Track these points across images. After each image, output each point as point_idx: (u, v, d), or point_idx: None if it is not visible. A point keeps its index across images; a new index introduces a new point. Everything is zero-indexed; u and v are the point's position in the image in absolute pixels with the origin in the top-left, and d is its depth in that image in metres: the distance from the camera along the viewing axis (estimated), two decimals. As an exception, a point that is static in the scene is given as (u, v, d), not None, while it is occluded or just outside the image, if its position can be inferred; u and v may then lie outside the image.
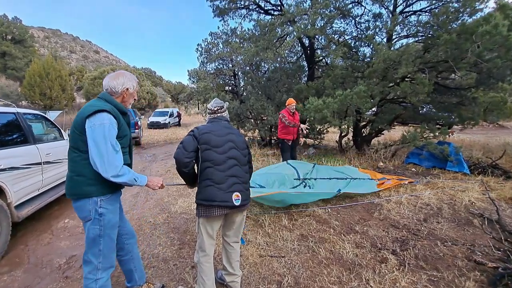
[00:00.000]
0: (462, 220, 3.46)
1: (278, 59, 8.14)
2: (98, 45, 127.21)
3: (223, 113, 2.16)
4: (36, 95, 19.40)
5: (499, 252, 2.66)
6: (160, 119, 21.63)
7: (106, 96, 1.73)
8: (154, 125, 20.98)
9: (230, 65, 13.24)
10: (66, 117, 20.82)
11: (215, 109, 2.13)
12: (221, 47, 13.45)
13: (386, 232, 3.22)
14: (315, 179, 4.98)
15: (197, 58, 15.82)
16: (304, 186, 4.78)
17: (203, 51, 14.78)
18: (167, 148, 10.84)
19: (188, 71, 20.34)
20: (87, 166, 1.61)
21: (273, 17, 7.10)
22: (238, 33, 8.77)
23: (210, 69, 17.93)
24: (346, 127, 6.79)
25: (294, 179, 4.84)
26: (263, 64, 10.17)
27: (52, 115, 7.25)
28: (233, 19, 8.85)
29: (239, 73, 9.94)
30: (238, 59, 10.62)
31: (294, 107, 5.29)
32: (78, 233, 3.32)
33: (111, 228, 1.73)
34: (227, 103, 2.42)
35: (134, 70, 33.28)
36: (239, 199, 1.94)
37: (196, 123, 24.02)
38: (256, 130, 8.53)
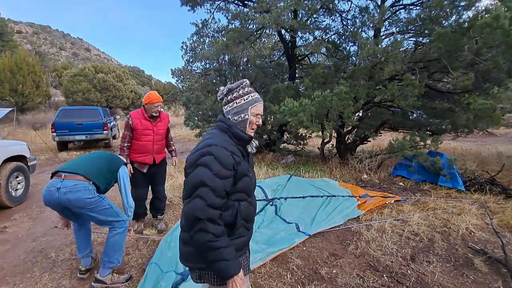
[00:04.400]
0: (459, 259, 2.68)
1: (252, 55, 7.38)
2: (90, 43, 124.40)
3: (223, 108, 1.34)
4: (6, 91, 18.08)
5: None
6: (142, 120, 20.59)
7: None
8: (136, 126, 19.88)
9: (216, 64, 12.43)
10: (39, 115, 19.57)
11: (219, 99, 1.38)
12: (207, 46, 12.61)
13: (361, 278, 2.40)
14: (285, 198, 4.17)
15: (182, 56, 14.98)
16: (271, 205, 3.97)
17: (188, 49, 13.96)
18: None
19: (171, 69, 19.41)
20: None
21: (249, 8, 6.29)
22: (211, 25, 7.94)
23: (196, 69, 17.03)
24: (328, 133, 6.01)
25: (259, 200, 4.02)
26: (243, 62, 9.37)
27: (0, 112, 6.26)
28: (209, 12, 8.00)
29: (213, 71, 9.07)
30: (226, 58, 9.77)
31: (158, 106, 3.04)
32: None
33: None
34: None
35: (118, 68, 32.02)
36: None
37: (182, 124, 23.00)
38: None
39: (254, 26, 7.20)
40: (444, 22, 4.71)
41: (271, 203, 4.01)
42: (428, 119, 6.99)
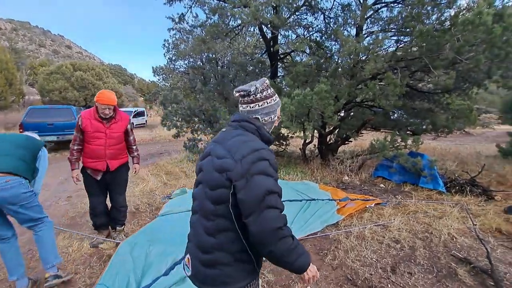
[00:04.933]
0: (442, 269, 2.50)
1: (232, 52, 7.09)
2: (72, 40, 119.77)
3: (243, 106, 1.22)
4: (-27, 88, 16.87)
5: None
6: (122, 119, 19.82)
7: None
8: (114, 126, 19.12)
9: (200, 63, 12.03)
10: (12, 115, 18.42)
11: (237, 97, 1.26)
12: (191, 43, 12.17)
13: (337, 295, 2.17)
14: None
15: (164, 54, 14.50)
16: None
17: (170, 47, 13.48)
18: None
19: (153, 67, 18.78)
20: None
21: (228, 3, 5.99)
22: (188, 19, 7.56)
23: (179, 67, 16.49)
24: (309, 133, 5.80)
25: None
26: (226, 60, 9.04)
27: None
28: (187, 6, 7.61)
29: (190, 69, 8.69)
30: (206, 56, 9.39)
31: (107, 109, 2.62)
32: None
33: None
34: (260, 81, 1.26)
35: (98, 66, 30.83)
36: (189, 268, 1.16)
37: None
38: (210, 134, 7.34)
39: (236, 22, 6.93)
40: (425, 20, 4.60)
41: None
42: (408, 119, 6.94)
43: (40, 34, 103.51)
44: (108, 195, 3.00)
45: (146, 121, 23.21)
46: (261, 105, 1.18)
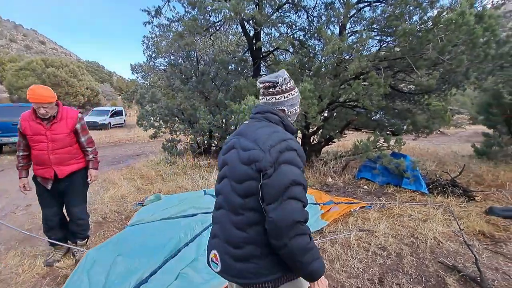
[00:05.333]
0: (431, 278, 2.38)
1: (213, 49, 6.80)
2: (46, 36, 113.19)
3: (267, 98, 1.19)
4: None
5: None
6: (98, 119, 18.88)
7: None
8: (90, 126, 18.02)
9: (182, 61, 11.59)
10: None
11: (259, 90, 1.25)
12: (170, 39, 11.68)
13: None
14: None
15: (143, 51, 13.93)
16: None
17: (150, 43, 12.91)
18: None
19: (131, 65, 18.07)
20: None
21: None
22: (166, 13, 7.17)
23: (159, 65, 15.88)
24: (292, 134, 5.63)
25: (207, 213, 3.46)
26: (208, 57, 8.69)
27: None
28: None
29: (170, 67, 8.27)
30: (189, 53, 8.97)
31: (40, 108, 2.24)
32: None
33: None
34: (285, 75, 1.21)
35: (73, 62, 29.30)
36: (217, 264, 1.13)
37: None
38: (190, 134, 7.01)
39: (216, 17, 6.64)
40: (408, 19, 4.55)
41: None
42: (390, 120, 6.97)
43: (11, 28, 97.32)
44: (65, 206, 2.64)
45: (124, 120, 22.30)
46: (286, 97, 1.17)
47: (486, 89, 7.12)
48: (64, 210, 2.68)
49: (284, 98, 1.17)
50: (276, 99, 1.16)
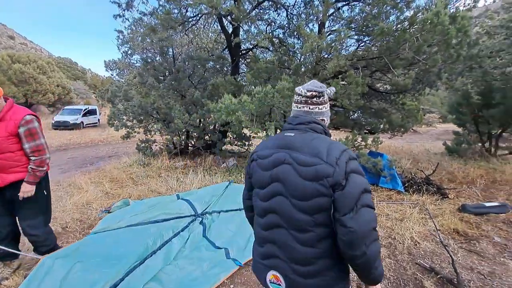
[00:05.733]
0: (409, 282, 2.33)
1: (190, 45, 6.55)
2: (15, 30, 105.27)
3: (310, 107, 1.14)
4: None
5: None
6: (69, 118, 17.78)
7: None
8: (60, 126, 17.11)
9: (159, 58, 11.13)
10: None
11: (298, 98, 1.16)
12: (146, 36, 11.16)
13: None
14: (218, 212, 3.49)
15: (118, 47, 13.21)
16: (200, 224, 3.24)
17: (124, 39, 12.27)
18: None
19: (105, 61, 17.23)
20: None
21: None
22: (138, 6, 6.80)
23: (135, 62, 15.19)
24: (271, 133, 5.51)
25: (183, 217, 3.26)
26: (186, 55, 8.36)
27: None
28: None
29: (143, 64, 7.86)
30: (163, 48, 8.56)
31: None
32: None
33: None
34: (332, 89, 1.20)
35: (42, 58, 27.49)
36: (279, 285, 1.10)
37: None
38: (166, 134, 6.70)
39: (192, 12, 6.37)
40: (385, 19, 4.56)
41: (200, 219, 3.28)
42: (367, 119, 7.06)
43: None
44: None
45: (99, 120, 21.22)
46: (326, 107, 1.18)
47: (457, 89, 7.41)
48: None
49: (325, 108, 1.17)
50: (319, 108, 1.15)
